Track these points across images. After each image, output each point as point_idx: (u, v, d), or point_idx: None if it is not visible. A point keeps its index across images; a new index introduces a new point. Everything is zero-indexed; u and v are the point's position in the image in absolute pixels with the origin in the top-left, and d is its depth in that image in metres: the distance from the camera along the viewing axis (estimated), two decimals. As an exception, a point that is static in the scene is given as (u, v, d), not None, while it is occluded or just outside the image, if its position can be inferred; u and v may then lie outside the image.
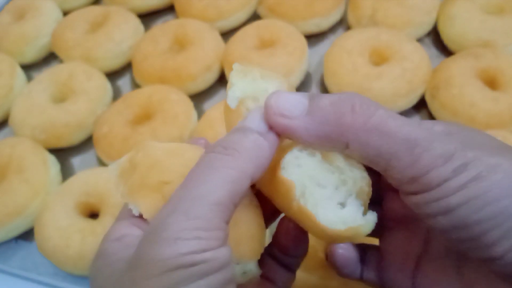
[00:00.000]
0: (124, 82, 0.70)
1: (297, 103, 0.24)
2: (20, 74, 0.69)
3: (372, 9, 0.64)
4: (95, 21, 0.71)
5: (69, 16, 0.73)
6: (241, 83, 0.27)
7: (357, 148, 0.23)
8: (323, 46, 0.68)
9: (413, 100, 0.58)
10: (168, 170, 0.26)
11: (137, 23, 0.71)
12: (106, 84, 0.65)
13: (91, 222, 0.50)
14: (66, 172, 0.60)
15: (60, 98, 0.63)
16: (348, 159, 0.25)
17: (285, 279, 0.29)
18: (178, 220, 0.21)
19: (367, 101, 0.24)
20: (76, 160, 0.62)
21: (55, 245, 0.48)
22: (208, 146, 0.25)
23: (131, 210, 0.26)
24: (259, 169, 0.24)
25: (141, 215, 0.26)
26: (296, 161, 0.25)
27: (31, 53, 0.72)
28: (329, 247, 0.30)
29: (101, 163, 0.60)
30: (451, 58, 0.58)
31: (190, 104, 0.60)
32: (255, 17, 0.72)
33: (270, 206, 0.27)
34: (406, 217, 0.29)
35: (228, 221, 0.22)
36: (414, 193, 0.23)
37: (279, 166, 0.25)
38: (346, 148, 0.24)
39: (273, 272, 0.29)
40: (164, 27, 0.67)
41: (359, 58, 0.58)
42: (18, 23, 0.72)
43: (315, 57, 0.67)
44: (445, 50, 0.64)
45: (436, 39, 0.66)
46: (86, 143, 0.62)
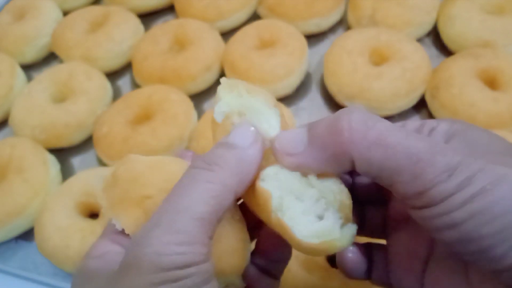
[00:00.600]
0: (124, 82, 0.70)
1: (298, 139, 0.25)
2: (20, 74, 0.69)
3: (372, 9, 0.64)
4: (95, 21, 0.71)
5: (69, 16, 0.73)
6: (228, 98, 0.27)
7: (362, 164, 0.23)
8: (323, 46, 0.68)
9: (413, 100, 0.58)
10: (149, 185, 0.25)
11: (137, 23, 0.71)
12: (106, 84, 0.65)
13: (91, 222, 0.50)
14: (66, 172, 0.60)
15: (60, 98, 0.63)
16: (323, 177, 0.26)
17: (270, 286, 0.29)
18: (162, 235, 0.21)
19: (364, 116, 0.23)
20: (76, 160, 0.62)
21: (55, 245, 0.48)
22: (194, 160, 0.25)
23: (115, 225, 0.26)
24: (243, 184, 0.24)
25: (124, 230, 0.26)
26: (276, 175, 0.25)
27: (31, 53, 0.72)
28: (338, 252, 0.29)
29: (101, 163, 0.60)
30: (451, 58, 0.58)
31: (190, 104, 0.60)
32: (255, 17, 0.72)
33: (255, 218, 0.27)
34: (409, 219, 0.28)
35: (212, 236, 0.22)
36: (419, 208, 0.22)
37: (259, 177, 0.25)
38: (353, 167, 0.24)
39: (257, 281, 0.29)
40: (164, 27, 0.67)
41: (359, 58, 0.58)
42: (18, 23, 0.72)
43: (315, 57, 0.67)
44: (445, 50, 0.64)
45: (436, 39, 0.66)
46: (86, 143, 0.62)
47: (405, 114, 0.59)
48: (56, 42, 0.70)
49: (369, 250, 0.30)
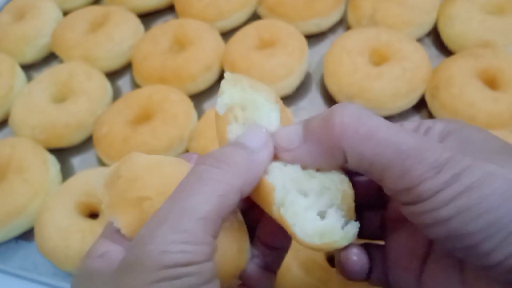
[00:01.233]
0: (124, 82, 0.70)
1: (294, 134, 0.26)
2: (20, 74, 0.69)
3: (372, 9, 0.64)
4: (95, 21, 0.71)
5: (69, 16, 0.73)
6: (231, 91, 0.27)
7: (353, 159, 0.23)
8: (323, 46, 0.68)
9: (413, 100, 0.58)
10: (147, 186, 0.25)
11: (137, 23, 0.71)
12: (106, 84, 0.65)
13: (91, 222, 0.50)
14: (66, 172, 0.60)
15: (60, 98, 0.63)
16: (324, 170, 0.26)
17: (267, 282, 0.29)
18: (165, 233, 0.21)
19: (357, 111, 0.24)
20: (76, 160, 0.62)
21: (55, 245, 0.48)
22: (203, 157, 0.25)
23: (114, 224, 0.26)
24: (249, 185, 0.24)
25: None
26: (280, 169, 0.26)
27: (31, 53, 0.72)
28: (341, 254, 0.29)
29: (101, 163, 0.60)
30: (451, 58, 0.58)
31: (190, 104, 0.60)
32: (255, 17, 0.72)
33: (257, 211, 0.27)
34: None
35: (216, 235, 0.22)
36: (408, 204, 0.23)
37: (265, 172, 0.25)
38: (346, 161, 0.24)
39: (254, 276, 0.29)
40: (164, 27, 0.67)
41: (359, 58, 0.58)
42: (18, 23, 0.72)
43: (315, 57, 0.67)
44: (445, 50, 0.64)
45: (436, 39, 0.66)
46: (86, 143, 0.62)
47: (405, 114, 0.59)
48: (56, 42, 0.70)
49: (369, 251, 0.30)
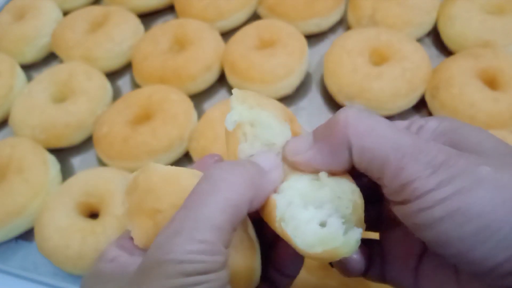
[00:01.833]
0: (124, 82, 0.70)
1: (304, 140, 0.27)
2: (20, 74, 0.69)
3: (372, 9, 0.64)
4: (95, 21, 0.71)
5: (69, 16, 0.73)
6: (239, 108, 0.28)
7: (357, 153, 0.24)
8: (323, 46, 0.68)
9: (413, 100, 0.58)
10: (162, 198, 0.26)
11: (137, 23, 0.71)
12: (106, 84, 0.65)
13: (91, 222, 0.50)
14: (66, 172, 0.60)
15: (60, 98, 0.63)
16: (335, 176, 0.26)
17: None
18: (183, 243, 0.21)
19: (360, 111, 0.25)
20: (76, 160, 0.62)
21: (55, 245, 0.48)
22: (218, 162, 0.26)
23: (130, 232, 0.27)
24: (259, 199, 0.25)
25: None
26: (289, 187, 0.26)
27: (31, 53, 0.72)
28: None
29: (101, 163, 0.60)
30: (451, 58, 0.58)
31: (190, 104, 0.60)
32: (255, 17, 0.72)
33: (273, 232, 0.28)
34: None
35: (228, 245, 0.23)
36: (401, 203, 0.23)
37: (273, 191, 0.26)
38: (351, 160, 0.25)
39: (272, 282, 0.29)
40: (164, 27, 0.67)
41: (359, 58, 0.58)
42: (18, 23, 0.72)
43: (315, 57, 0.67)
44: (445, 50, 0.64)
45: (436, 39, 0.66)
46: (86, 143, 0.62)
47: (405, 114, 0.59)
48: (56, 42, 0.70)
49: (368, 247, 0.31)
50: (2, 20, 0.74)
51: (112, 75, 0.69)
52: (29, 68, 0.73)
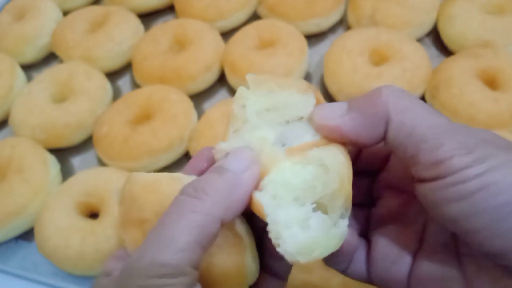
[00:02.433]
0: (124, 82, 0.70)
1: (339, 106, 0.27)
2: (20, 74, 0.69)
3: (372, 9, 0.64)
4: (95, 21, 0.71)
5: (69, 16, 0.73)
6: (256, 96, 0.27)
7: (395, 127, 0.25)
8: (323, 46, 0.68)
9: (413, 100, 0.58)
10: (145, 208, 0.26)
11: (137, 23, 0.71)
12: (106, 84, 0.65)
13: (91, 222, 0.50)
14: (66, 172, 0.60)
15: (60, 98, 0.63)
16: (322, 146, 0.26)
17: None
18: (146, 267, 0.22)
19: (398, 88, 0.26)
20: (76, 160, 0.62)
21: (55, 245, 0.48)
22: (184, 187, 0.25)
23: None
24: (231, 211, 0.24)
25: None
26: (271, 181, 0.25)
27: (31, 53, 0.72)
28: None
29: (101, 163, 0.60)
30: (451, 58, 0.58)
31: (190, 104, 0.60)
32: (255, 17, 0.72)
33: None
34: (400, 214, 0.29)
35: (196, 265, 0.23)
36: (433, 179, 0.23)
37: (257, 189, 0.25)
38: (385, 134, 0.25)
39: (264, 284, 0.29)
40: (164, 27, 0.67)
41: (359, 58, 0.58)
42: (18, 23, 0.72)
43: (315, 57, 0.67)
44: (445, 50, 0.64)
45: (436, 39, 0.66)
46: (86, 143, 0.62)
47: (405, 114, 0.59)
48: (56, 42, 0.70)
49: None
50: (2, 20, 0.74)
51: (112, 75, 0.69)
52: (29, 68, 0.73)
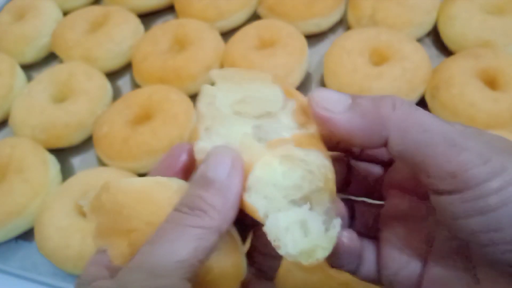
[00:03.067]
0: (124, 82, 0.70)
1: (341, 100, 0.25)
2: (20, 74, 0.69)
3: (372, 9, 0.64)
4: (95, 21, 0.71)
5: (69, 16, 0.73)
6: (224, 90, 0.27)
7: (397, 141, 0.24)
8: (323, 46, 0.68)
9: (413, 100, 0.58)
10: (133, 217, 0.25)
11: (137, 23, 0.71)
12: (106, 84, 0.65)
13: (91, 222, 0.50)
14: (66, 172, 0.60)
15: (60, 98, 0.63)
16: (308, 147, 0.25)
17: None
18: (142, 279, 0.21)
19: (407, 101, 0.24)
20: (76, 160, 0.62)
21: (55, 245, 0.48)
22: (178, 204, 0.25)
23: (103, 249, 0.26)
24: (228, 220, 0.24)
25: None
26: (258, 181, 0.25)
27: (31, 53, 0.72)
28: None
29: (101, 163, 0.60)
30: (451, 58, 0.58)
31: (190, 104, 0.60)
32: (255, 17, 0.72)
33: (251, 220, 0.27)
34: (409, 215, 0.29)
35: (192, 278, 0.23)
36: (449, 192, 0.23)
37: (244, 189, 0.25)
38: (385, 143, 0.24)
39: (252, 286, 0.29)
40: (164, 27, 0.67)
41: (359, 58, 0.58)
42: (18, 23, 0.72)
43: (315, 57, 0.67)
44: (445, 50, 0.64)
45: (436, 39, 0.66)
46: (86, 143, 0.62)
47: (405, 114, 0.59)
48: (56, 42, 0.70)
49: (361, 244, 0.30)
50: (2, 20, 0.74)
51: (112, 75, 0.69)
52: (29, 68, 0.73)
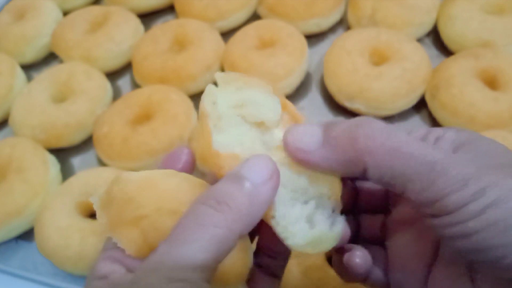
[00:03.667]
0: (124, 82, 0.70)
1: (312, 136, 0.25)
2: (20, 74, 0.69)
3: (372, 9, 0.64)
4: (95, 21, 0.71)
5: (69, 16, 0.73)
6: (225, 93, 0.27)
7: (375, 171, 0.23)
8: (323, 46, 0.68)
9: (413, 100, 0.58)
10: (143, 205, 0.25)
11: (137, 23, 0.71)
12: (106, 84, 0.65)
13: (91, 222, 0.50)
14: (66, 172, 0.60)
15: (60, 98, 0.63)
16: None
17: (271, 286, 0.29)
18: (163, 280, 0.21)
19: (382, 125, 0.24)
20: (76, 160, 0.62)
21: (55, 245, 0.48)
22: (203, 196, 0.23)
23: (114, 243, 0.26)
24: (249, 226, 0.23)
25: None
26: None
27: (31, 53, 0.72)
28: (344, 257, 0.29)
29: (101, 163, 0.60)
30: (451, 58, 0.58)
31: (190, 104, 0.60)
32: (255, 17, 0.72)
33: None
34: (416, 220, 0.29)
35: (211, 279, 0.22)
36: (433, 216, 0.23)
37: None
38: (365, 172, 0.24)
39: (259, 282, 0.29)
40: (164, 27, 0.67)
41: (359, 58, 0.58)
42: (18, 23, 0.72)
43: (315, 57, 0.67)
44: (445, 50, 0.64)
45: (436, 39, 0.66)
46: (86, 143, 0.62)
47: (405, 114, 0.59)
48: (56, 42, 0.70)
49: (370, 252, 0.30)
50: (2, 20, 0.74)
51: (112, 75, 0.69)
52: (29, 68, 0.73)
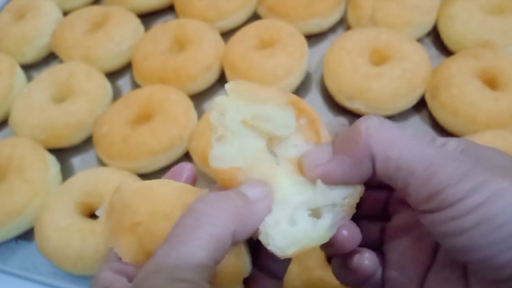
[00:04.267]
0: (124, 82, 0.70)
1: (323, 152, 0.27)
2: (20, 74, 0.69)
3: (372, 9, 0.64)
4: (95, 21, 0.71)
5: (69, 16, 0.73)
6: (236, 106, 0.27)
7: (381, 163, 0.24)
8: (323, 46, 0.68)
9: (413, 100, 0.58)
10: (138, 210, 0.26)
11: (137, 23, 0.71)
12: (106, 84, 0.65)
13: (91, 222, 0.50)
14: (66, 172, 0.60)
15: (60, 98, 0.63)
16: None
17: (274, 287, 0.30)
18: (164, 284, 0.21)
19: (381, 119, 0.25)
20: (76, 160, 0.62)
21: (55, 245, 0.48)
22: (201, 196, 0.25)
23: (117, 254, 0.26)
24: (243, 232, 0.24)
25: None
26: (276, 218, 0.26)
27: (31, 53, 0.72)
28: (353, 259, 0.29)
29: (101, 163, 0.60)
30: (451, 58, 0.58)
31: (190, 104, 0.60)
32: (255, 17, 0.72)
33: None
34: (414, 226, 0.29)
35: (210, 279, 0.22)
36: (430, 212, 0.23)
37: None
38: (374, 171, 0.25)
39: (261, 284, 0.29)
40: (164, 27, 0.67)
41: (359, 58, 0.58)
42: (18, 23, 0.72)
43: (315, 57, 0.67)
44: (445, 50, 0.64)
45: (436, 39, 0.66)
46: (86, 143, 0.62)
47: (405, 114, 0.59)
48: (56, 42, 0.70)
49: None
50: (2, 20, 0.74)
51: (112, 75, 0.69)
52: (29, 68, 0.73)
